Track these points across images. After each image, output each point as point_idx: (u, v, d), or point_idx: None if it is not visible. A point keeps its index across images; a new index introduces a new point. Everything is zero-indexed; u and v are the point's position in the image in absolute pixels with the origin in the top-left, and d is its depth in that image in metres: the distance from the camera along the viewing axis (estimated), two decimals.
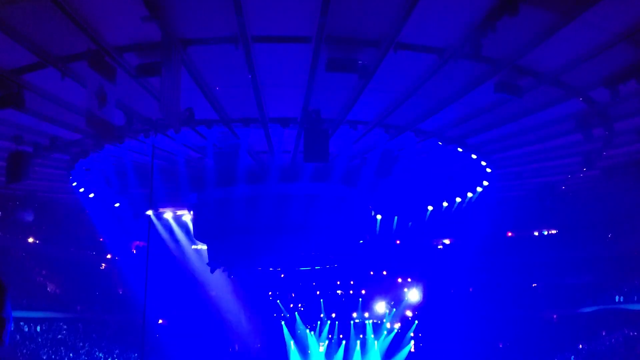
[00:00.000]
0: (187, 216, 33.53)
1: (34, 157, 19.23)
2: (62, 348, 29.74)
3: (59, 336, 30.45)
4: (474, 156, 23.01)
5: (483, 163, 23.91)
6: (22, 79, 14.44)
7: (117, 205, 29.47)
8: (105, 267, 35.35)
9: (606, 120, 17.75)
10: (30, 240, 33.63)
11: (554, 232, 35.63)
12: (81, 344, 30.99)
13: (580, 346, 28.68)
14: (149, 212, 27.52)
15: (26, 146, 18.73)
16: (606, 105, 16.63)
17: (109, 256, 35.27)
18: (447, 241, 37.10)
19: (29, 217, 29.88)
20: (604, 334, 28.66)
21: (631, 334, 27.10)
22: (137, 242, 35.28)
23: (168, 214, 32.97)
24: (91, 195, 27.46)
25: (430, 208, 31.57)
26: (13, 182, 18.46)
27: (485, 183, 26.89)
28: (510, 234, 36.18)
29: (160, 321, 34.59)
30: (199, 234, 34.27)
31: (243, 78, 15.04)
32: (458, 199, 29.68)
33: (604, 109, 17.13)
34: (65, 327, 31.25)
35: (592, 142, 19.22)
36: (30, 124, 17.90)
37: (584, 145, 19.92)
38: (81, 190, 26.67)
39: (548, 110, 17.52)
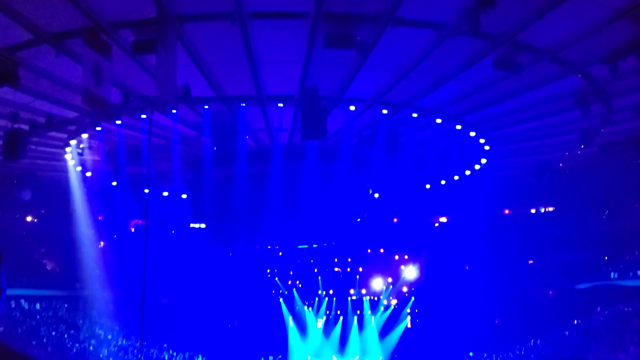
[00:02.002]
0: (184, 195, 33.59)
1: (31, 136, 19.16)
2: (62, 325, 29.97)
3: (59, 313, 30.65)
4: (472, 133, 22.99)
5: (481, 140, 23.90)
6: (16, 56, 14.30)
7: (114, 184, 29.45)
8: (104, 245, 35.42)
9: (604, 97, 17.70)
10: (29, 218, 33.65)
11: (550, 209, 35.72)
12: (81, 321, 31.22)
13: (576, 322, 28.97)
14: (147, 191, 27.55)
15: (22, 124, 18.64)
16: (605, 81, 16.58)
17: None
18: (444, 219, 37.23)
19: (27, 196, 29.82)
20: (599, 309, 28.92)
21: (626, 309, 27.35)
22: (136, 221, 35.33)
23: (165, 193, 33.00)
24: (88, 174, 27.42)
25: (427, 186, 31.62)
26: (10, 160, 18.41)
27: (484, 161, 26.90)
28: (507, 211, 36.28)
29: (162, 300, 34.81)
30: (197, 213, 34.35)
31: (240, 55, 14.92)
32: (456, 177, 29.71)
33: (603, 86, 17.08)
34: (65, 304, 31.43)
35: (590, 119, 19.20)
36: (26, 101, 17.80)
37: (582, 122, 19.89)
38: (78, 169, 26.61)
39: (547, 87, 17.46)
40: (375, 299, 37.45)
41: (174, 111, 20.26)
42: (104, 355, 29.45)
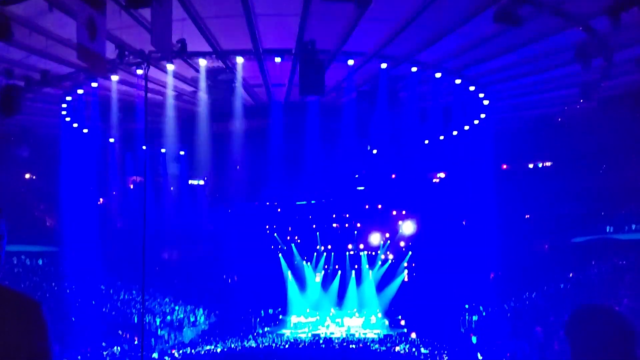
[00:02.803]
0: (182, 152, 33.55)
1: (26, 92, 18.96)
2: (64, 281, 30.39)
3: (61, 269, 31.02)
4: (472, 88, 22.85)
5: (481, 95, 23.77)
6: (8, 10, 14.03)
7: (112, 140, 29.37)
8: (103, 201, 35.58)
9: (606, 50, 17.49)
10: (27, 176, 33.68)
11: (548, 164, 35.76)
12: (82, 276, 31.61)
13: (571, 275, 29.41)
14: (144, 147, 27.49)
15: (17, 80, 18.43)
16: (606, 34, 16.36)
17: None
18: (442, 174, 37.32)
19: (25, 153, 29.77)
20: (593, 263, 29.32)
21: (620, 262, 27.74)
22: (134, 177, 35.37)
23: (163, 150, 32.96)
24: (85, 130, 27.31)
25: (426, 142, 31.57)
26: (5, 116, 18.24)
27: (482, 115, 26.81)
28: (505, 166, 36.35)
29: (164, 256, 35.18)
30: (195, 170, 34.40)
31: (236, 7, 14.67)
32: (454, 132, 29.65)
33: (604, 39, 16.86)
34: (65, 259, 31.72)
35: (590, 73, 19.03)
36: (20, 57, 17.59)
37: (582, 76, 19.72)
38: (75, 125, 26.49)
39: (547, 40, 17.27)
40: (373, 253, 37.94)
41: (170, 67, 20.05)
42: (107, 309, 29.99)
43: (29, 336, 1.78)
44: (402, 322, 34.53)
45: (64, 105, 24.05)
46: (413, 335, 30.78)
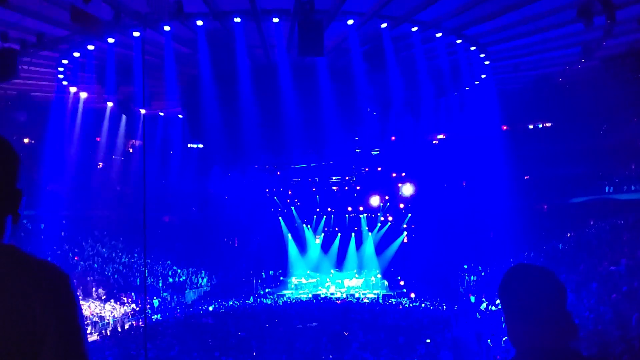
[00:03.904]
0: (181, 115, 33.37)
1: (22, 55, 18.74)
2: (65, 244, 30.64)
3: (62, 232, 31.24)
4: (472, 48, 22.60)
5: (482, 55, 23.53)
6: None
7: (110, 104, 29.19)
8: (102, 165, 35.58)
9: (609, 8, 17.24)
10: (26, 140, 33.55)
11: (548, 124, 35.66)
12: (84, 240, 31.87)
13: (569, 235, 29.63)
14: (143, 111, 27.36)
15: (13, 44, 18.19)
16: None
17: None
18: (442, 136, 37.24)
19: (23, 118, 29.59)
20: (592, 223, 29.50)
21: (618, 222, 27.87)
22: (133, 141, 35.30)
23: (161, 113, 32.79)
24: (83, 94, 27.11)
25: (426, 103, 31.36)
26: (2, 80, 18.09)
27: (483, 76, 26.58)
28: (505, 127, 36.26)
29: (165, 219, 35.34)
30: (194, 133, 34.26)
31: None
32: (455, 93, 29.44)
33: None
34: (67, 223, 31.95)
35: (593, 32, 18.81)
36: (15, 19, 17.33)
37: (584, 35, 19.51)
38: (72, 89, 26.27)
39: None
40: (373, 215, 38.17)
41: (166, 28, 19.78)
42: (109, 272, 30.31)
43: (58, 311, 1.66)
44: (402, 283, 34.98)
45: (61, 69, 23.80)
46: (412, 295, 31.21)
